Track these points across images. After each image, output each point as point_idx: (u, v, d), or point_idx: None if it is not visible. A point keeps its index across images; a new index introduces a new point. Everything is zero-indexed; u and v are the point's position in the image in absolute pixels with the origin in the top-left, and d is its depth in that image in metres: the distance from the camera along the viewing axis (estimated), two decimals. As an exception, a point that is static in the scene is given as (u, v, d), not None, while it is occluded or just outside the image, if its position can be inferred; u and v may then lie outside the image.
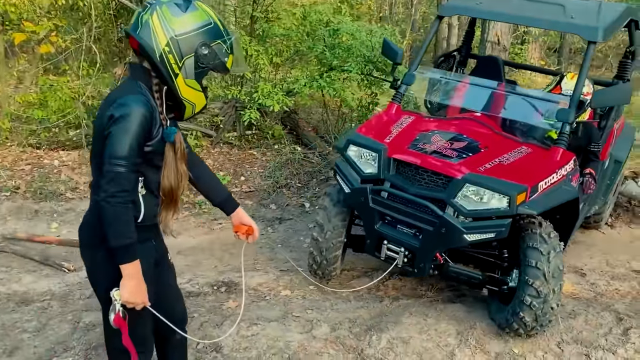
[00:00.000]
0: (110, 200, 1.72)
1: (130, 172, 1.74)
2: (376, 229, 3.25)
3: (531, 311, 2.97)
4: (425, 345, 3.13)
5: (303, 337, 3.16)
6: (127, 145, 1.71)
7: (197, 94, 1.90)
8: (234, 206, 2.23)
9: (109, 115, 1.75)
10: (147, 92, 1.82)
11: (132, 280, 1.80)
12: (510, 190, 2.91)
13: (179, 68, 1.81)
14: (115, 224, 1.74)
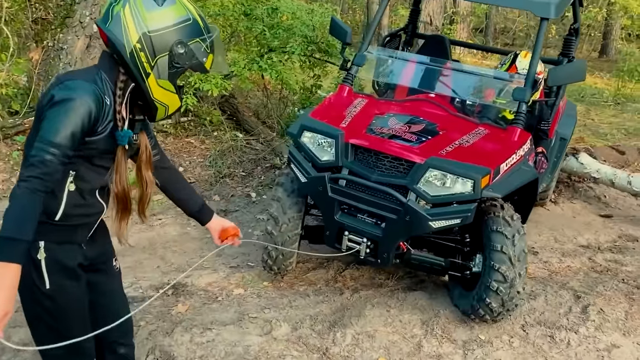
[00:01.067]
0: (20, 184, 1.47)
1: (56, 163, 1.49)
2: (336, 220, 3.06)
3: (498, 296, 2.90)
4: (392, 338, 3.00)
5: (263, 339, 2.94)
6: (61, 131, 1.50)
7: (170, 96, 1.71)
8: (210, 214, 2.04)
9: (50, 95, 1.54)
10: (105, 84, 1.61)
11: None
12: (474, 174, 2.80)
13: (151, 67, 1.63)
14: (14, 211, 1.45)
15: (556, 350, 2.95)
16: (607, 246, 4.31)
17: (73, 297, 1.74)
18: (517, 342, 3.00)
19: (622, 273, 3.78)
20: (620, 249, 4.24)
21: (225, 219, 2.10)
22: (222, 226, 2.06)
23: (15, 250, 1.44)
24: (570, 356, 2.91)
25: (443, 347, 2.95)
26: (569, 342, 3.00)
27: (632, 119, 8.04)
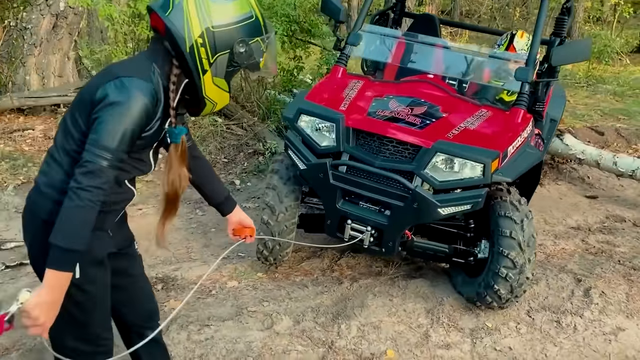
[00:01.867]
0: (80, 193, 1.40)
1: (112, 168, 1.44)
2: (338, 208, 2.92)
3: (506, 283, 2.83)
4: (398, 328, 2.90)
5: (265, 334, 2.80)
6: (118, 137, 1.43)
7: (222, 94, 1.64)
8: (232, 206, 1.98)
9: (104, 93, 1.45)
10: (159, 79, 1.52)
11: (51, 292, 1.41)
12: (484, 158, 2.70)
13: (210, 65, 1.55)
14: (74, 222, 1.41)
15: (564, 336, 2.91)
16: (597, 227, 4.32)
17: (100, 287, 1.66)
18: (524, 329, 2.94)
19: (617, 254, 3.78)
20: (610, 230, 4.26)
21: (246, 215, 2.02)
22: (241, 221, 2.00)
23: (72, 261, 1.44)
24: (578, 341, 2.87)
25: (451, 336, 2.87)
26: (575, 326, 2.96)
27: (606, 99, 8.15)
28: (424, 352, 2.75)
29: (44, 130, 4.98)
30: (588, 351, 2.82)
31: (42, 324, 1.41)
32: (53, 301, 1.42)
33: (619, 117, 7.09)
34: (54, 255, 1.40)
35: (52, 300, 1.41)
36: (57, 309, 1.44)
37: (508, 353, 2.78)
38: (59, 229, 1.40)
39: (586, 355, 2.80)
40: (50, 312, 1.42)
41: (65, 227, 1.40)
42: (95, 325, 1.66)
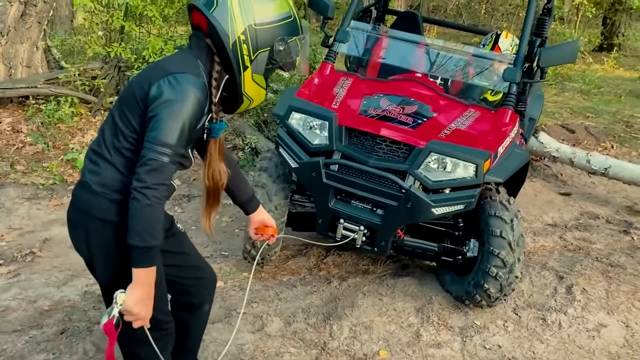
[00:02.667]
0: (146, 192, 1.47)
1: (173, 164, 1.51)
2: (330, 207, 2.89)
3: (496, 282, 2.86)
4: (389, 328, 2.90)
5: (256, 336, 2.75)
6: (177, 133, 1.48)
7: (259, 91, 1.68)
8: (256, 206, 2.04)
9: (159, 90, 1.49)
10: (205, 75, 1.56)
11: (143, 288, 1.53)
12: (477, 158, 2.72)
13: (251, 61, 1.60)
14: (146, 220, 1.49)
15: (550, 333, 2.96)
16: (572, 224, 4.43)
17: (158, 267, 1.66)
18: (511, 326, 2.99)
19: (594, 251, 3.88)
20: (585, 227, 4.37)
21: (268, 215, 2.08)
22: (263, 221, 2.04)
23: (154, 256, 1.53)
24: (564, 338, 2.93)
25: (441, 335, 2.89)
26: (560, 323, 3.02)
27: (574, 97, 8.37)
28: (415, 351, 2.76)
29: (12, 123, 4.76)
30: (573, 348, 2.88)
31: (144, 314, 1.54)
32: (146, 295, 1.54)
33: (587, 115, 7.29)
34: (135, 255, 1.50)
35: (145, 294, 1.54)
36: (151, 300, 1.55)
37: (497, 351, 2.82)
38: (133, 230, 1.48)
39: (572, 351, 2.86)
40: (146, 305, 1.54)
41: (139, 227, 1.47)
42: (158, 311, 1.68)
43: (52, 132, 4.68)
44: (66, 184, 4.31)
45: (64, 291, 3.11)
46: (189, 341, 2.11)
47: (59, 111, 4.75)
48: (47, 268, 3.42)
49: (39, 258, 3.52)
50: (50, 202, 4.10)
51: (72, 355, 2.52)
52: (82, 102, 5.06)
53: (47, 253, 3.59)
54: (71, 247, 3.74)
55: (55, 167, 4.41)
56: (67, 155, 4.48)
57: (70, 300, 3.02)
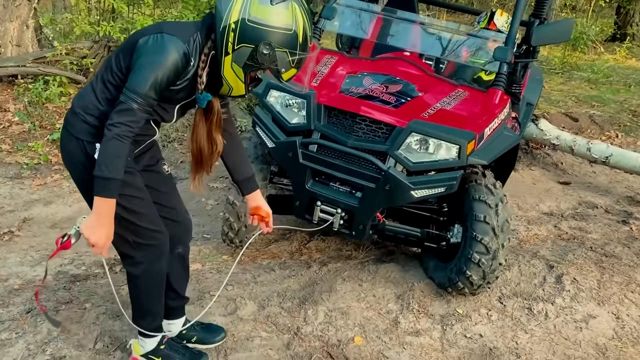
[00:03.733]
0: (111, 128, 1.65)
1: (142, 111, 1.67)
2: (307, 189, 2.79)
3: (479, 269, 2.74)
4: (366, 314, 2.80)
5: (228, 320, 2.66)
6: (148, 83, 1.66)
7: (237, 82, 1.78)
8: (252, 188, 2.17)
9: (146, 41, 1.69)
10: (196, 46, 1.74)
11: (98, 216, 1.69)
12: (460, 139, 2.59)
13: (233, 50, 1.71)
14: (107, 153, 1.66)
15: (534, 323, 2.85)
16: (569, 213, 4.29)
17: (133, 186, 1.87)
18: (495, 315, 2.87)
19: (589, 241, 3.74)
20: (582, 216, 4.23)
21: (264, 202, 2.20)
22: (258, 207, 2.17)
23: (112, 188, 1.67)
24: (549, 328, 2.82)
25: (420, 323, 2.78)
26: (546, 313, 2.90)
27: (580, 86, 8.16)
28: (392, 338, 2.66)
29: (0, 103, 4.71)
30: (559, 338, 2.77)
31: (96, 243, 1.69)
32: (102, 224, 1.68)
33: (593, 104, 7.09)
34: (97, 184, 1.66)
35: (101, 222, 1.68)
36: (107, 230, 1.69)
37: (478, 340, 2.71)
38: (98, 161, 1.65)
39: (557, 342, 2.74)
40: (101, 233, 1.69)
41: (100, 159, 1.65)
42: (144, 221, 1.91)
43: (39, 111, 4.62)
44: (50, 164, 4.24)
45: (36, 270, 3.04)
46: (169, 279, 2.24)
47: (47, 91, 4.67)
48: (24, 247, 3.36)
49: (17, 237, 3.46)
50: (33, 182, 4.04)
51: (35, 335, 2.45)
52: (71, 81, 4.98)
53: (26, 232, 3.52)
54: (51, 226, 3.69)
55: (40, 147, 4.35)
56: (52, 135, 4.41)
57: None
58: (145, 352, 2.26)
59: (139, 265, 2.01)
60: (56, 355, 2.35)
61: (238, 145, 2.14)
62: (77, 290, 2.83)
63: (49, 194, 3.94)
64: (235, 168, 2.13)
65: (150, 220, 1.96)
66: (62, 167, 4.24)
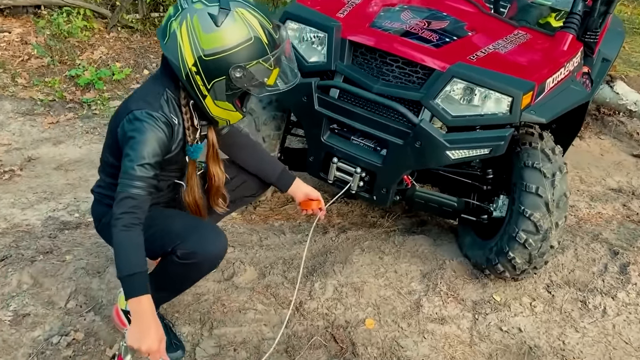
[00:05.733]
0: (114, 223, 1.53)
1: (142, 193, 1.56)
2: (323, 142, 2.35)
3: (524, 251, 2.25)
4: (383, 293, 2.39)
5: (221, 286, 2.31)
6: (139, 165, 1.55)
7: (229, 114, 1.70)
8: (290, 180, 2.03)
9: (122, 131, 1.60)
10: (171, 104, 1.64)
11: (140, 320, 1.53)
12: (515, 88, 2.07)
13: (207, 90, 1.60)
14: (120, 250, 1.54)
15: (589, 320, 2.35)
16: (642, 192, 3.66)
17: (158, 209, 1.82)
18: (540, 307, 2.39)
19: (664, 225, 3.15)
20: (658, 196, 3.60)
21: (310, 187, 2.04)
22: (307, 194, 2.03)
23: (138, 284, 1.51)
24: (607, 328, 2.32)
25: (448, 308, 2.34)
26: (604, 309, 2.40)
27: (666, 49, 7.17)
28: (411, 324, 2.24)
29: (22, 35, 4.45)
30: (617, 341, 2.27)
31: (150, 349, 1.51)
32: (148, 326, 1.51)
33: (679, 70, 6.18)
34: (123, 287, 1.53)
35: (146, 325, 1.51)
36: (154, 331, 1.51)
37: (516, 335, 2.25)
38: (116, 263, 1.52)
39: (614, 346, 2.25)
40: (150, 337, 1.51)
41: (118, 259, 1.52)
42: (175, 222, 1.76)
43: (60, 46, 4.33)
44: (65, 102, 3.97)
45: (26, 214, 2.77)
46: None
47: (70, 24, 4.37)
48: (22, 188, 3.10)
49: (18, 177, 3.21)
50: (45, 119, 3.78)
51: (3, 287, 2.18)
52: (97, 16, 4.66)
53: (28, 173, 3.27)
54: (56, 168, 3.42)
55: (57, 83, 4.07)
56: (71, 71, 4.12)
57: (30, 224, 2.68)
58: (126, 310, 1.95)
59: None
60: (20, 312, 2.07)
61: (253, 148, 2.04)
62: (63, 240, 2.54)
63: (60, 133, 3.68)
64: (262, 172, 2.03)
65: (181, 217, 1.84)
66: (77, 106, 3.96)
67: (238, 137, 2.01)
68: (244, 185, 2.09)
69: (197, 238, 1.70)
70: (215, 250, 1.74)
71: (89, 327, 2.05)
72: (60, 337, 1.98)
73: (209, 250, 1.71)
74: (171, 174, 1.81)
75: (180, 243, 1.67)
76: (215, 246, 1.73)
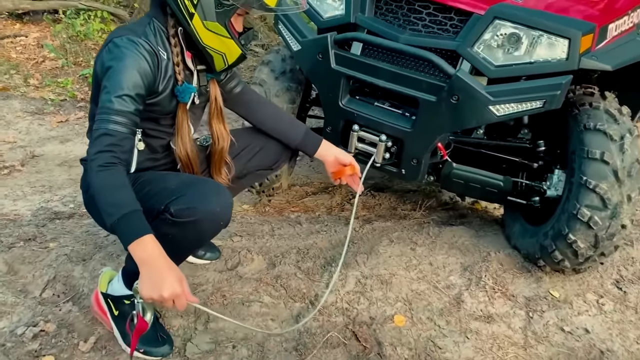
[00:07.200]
0: (90, 164, 1.29)
1: (122, 130, 1.32)
2: (342, 107, 2.01)
3: (589, 231, 1.84)
4: (416, 287, 1.99)
5: (222, 276, 1.97)
6: (118, 95, 1.32)
7: (223, 41, 1.45)
8: (317, 141, 1.78)
9: (101, 61, 1.39)
10: (158, 34, 1.44)
11: (146, 265, 1.24)
12: (571, 29, 1.70)
13: (194, 6, 1.39)
14: (101, 195, 1.27)
15: (673, 321, 1.90)
16: None
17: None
18: (610, 305, 1.96)
19: None
20: None
21: (340, 150, 1.79)
22: (337, 158, 1.77)
23: (134, 225, 1.25)
24: (696, 331, 1.86)
25: (495, 305, 1.93)
26: (691, 309, 1.94)
27: None
28: (450, 322, 1.83)
29: (38, 38, 4.34)
30: None
31: (172, 295, 1.23)
32: (158, 269, 1.24)
33: None
34: (119, 232, 1.27)
35: (156, 268, 1.24)
36: (168, 270, 1.24)
37: (583, 337, 1.82)
38: (101, 210, 1.27)
39: None
40: (167, 279, 1.23)
41: (102, 204, 1.27)
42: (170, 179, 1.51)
43: (76, 48, 4.19)
44: (76, 101, 3.78)
45: (17, 205, 2.51)
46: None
47: (86, 26, 4.24)
48: (20, 183, 2.86)
49: (18, 172, 2.98)
50: (54, 118, 3.58)
51: (-29, 274, 1.89)
52: (115, 18, 4.53)
53: (29, 169, 3.04)
54: (59, 164, 3.17)
55: (69, 84, 3.90)
56: (83, 71, 3.95)
57: (18, 214, 2.41)
58: (109, 293, 1.66)
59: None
60: (-14, 299, 1.77)
61: (270, 106, 1.82)
62: (51, 228, 2.26)
63: (68, 131, 3.47)
64: (282, 133, 1.79)
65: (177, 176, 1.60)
66: (88, 104, 3.76)
67: (250, 94, 1.79)
68: (261, 153, 1.81)
69: (194, 192, 1.42)
70: (218, 206, 1.43)
71: (64, 318, 1.73)
72: (26, 328, 1.65)
73: (209, 205, 1.41)
74: (165, 129, 1.57)
75: (175, 199, 1.40)
76: (217, 201, 1.43)
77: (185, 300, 1.26)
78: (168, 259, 1.26)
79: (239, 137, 1.80)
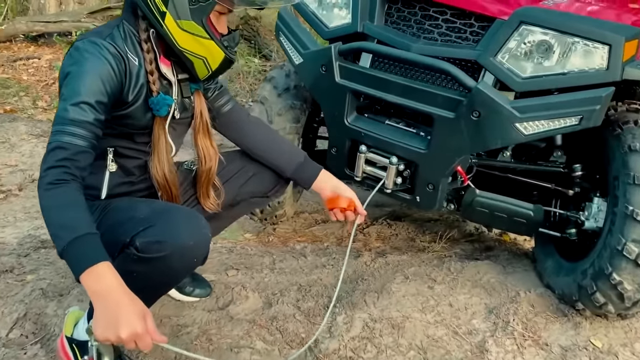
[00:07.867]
0: (40, 183, 1.11)
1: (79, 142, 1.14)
2: (347, 126, 1.79)
3: (637, 271, 1.56)
4: (433, 332, 1.73)
5: (211, 317, 1.74)
6: (74, 102, 1.15)
7: (202, 42, 1.28)
8: (315, 170, 1.57)
9: (62, 68, 1.23)
10: (126, 39, 1.27)
11: (101, 300, 1.02)
12: (612, 34, 1.46)
13: (165, 4, 1.23)
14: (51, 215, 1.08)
15: None
16: None
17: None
18: (664, 358, 1.66)
19: None
20: None
21: (339, 182, 1.56)
22: (334, 191, 1.55)
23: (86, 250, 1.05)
24: None
25: (525, 356, 1.65)
26: None
27: None
28: (473, 377, 1.56)
29: (50, 60, 4.27)
30: None
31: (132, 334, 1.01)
32: (114, 304, 1.02)
33: None
34: (69, 260, 1.05)
35: (113, 303, 1.02)
36: (127, 306, 1.03)
37: (632, 398, 1.52)
38: (51, 234, 1.07)
39: None
40: (124, 316, 1.01)
41: (50, 226, 1.07)
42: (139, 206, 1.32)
43: (87, 70, 4.10)
44: (83, 123, 3.66)
45: (4, 232, 2.35)
46: None
47: (99, 48, 4.16)
48: (15, 208, 2.71)
49: (15, 197, 2.83)
50: (59, 141, 3.46)
51: None
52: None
53: (27, 193, 2.89)
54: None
55: (78, 105, 3.79)
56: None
57: (4, 242, 2.24)
58: (74, 337, 1.45)
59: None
60: (-58, 341, 1.57)
61: (262, 128, 1.62)
62: (33, 258, 2.08)
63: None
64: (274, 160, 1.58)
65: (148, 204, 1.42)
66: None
67: (240, 113, 1.60)
68: (255, 178, 1.60)
69: (165, 223, 1.22)
70: (191, 239, 1.22)
71: (27, 364, 1.52)
72: (-20, 377, 1.45)
73: (180, 238, 1.20)
74: (142, 148, 1.38)
75: (142, 230, 1.20)
76: (190, 233, 1.22)
77: (150, 339, 1.04)
78: (129, 292, 1.06)
79: (230, 159, 1.60)
